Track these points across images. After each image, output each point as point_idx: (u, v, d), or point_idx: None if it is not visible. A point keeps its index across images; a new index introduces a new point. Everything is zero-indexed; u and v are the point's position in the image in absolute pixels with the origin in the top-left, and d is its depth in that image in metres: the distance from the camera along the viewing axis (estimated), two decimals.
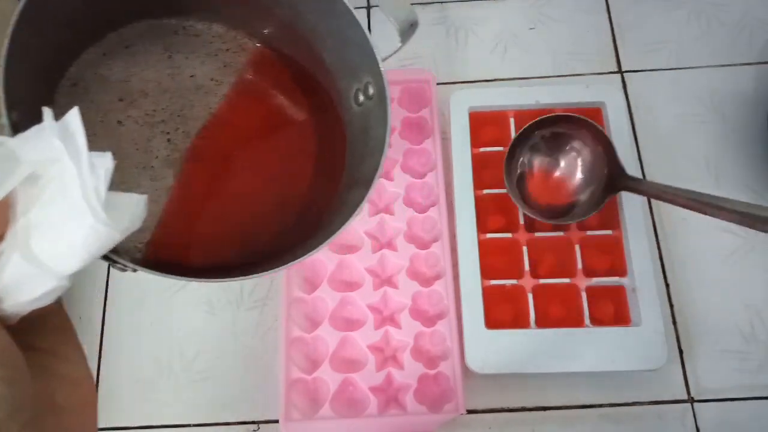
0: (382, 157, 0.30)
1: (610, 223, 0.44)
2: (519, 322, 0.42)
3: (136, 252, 0.30)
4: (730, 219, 0.31)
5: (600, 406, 0.42)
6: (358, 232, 0.45)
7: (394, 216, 0.46)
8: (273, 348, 0.43)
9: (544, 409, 0.42)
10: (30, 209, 0.18)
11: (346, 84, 0.35)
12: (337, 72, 0.35)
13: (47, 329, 0.20)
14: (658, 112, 0.50)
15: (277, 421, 0.40)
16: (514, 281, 0.43)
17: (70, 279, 0.19)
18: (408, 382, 0.41)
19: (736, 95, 0.51)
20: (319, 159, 0.35)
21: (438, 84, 0.51)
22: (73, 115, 0.19)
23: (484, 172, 0.46)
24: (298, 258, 0.27)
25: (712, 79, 0.51)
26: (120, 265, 0.24)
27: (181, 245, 0.31)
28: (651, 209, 0.47)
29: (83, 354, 0.21)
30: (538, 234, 0.44)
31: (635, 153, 0.49)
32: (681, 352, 0.43)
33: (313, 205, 0.34)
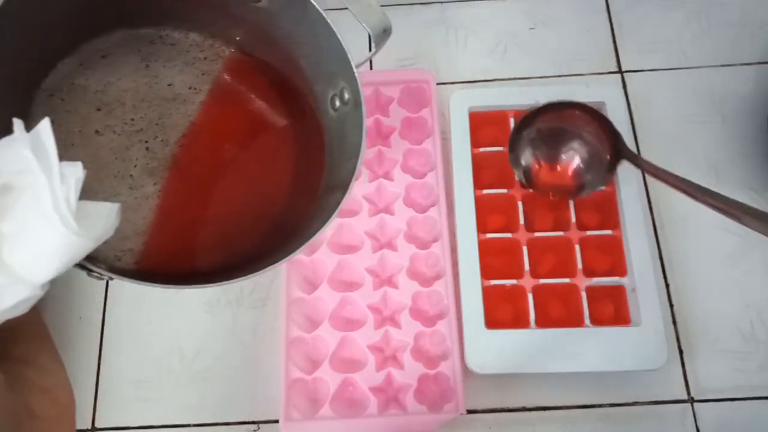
0: (359, 161, 0.30)
1: (610, 223, 0.44)
2: (519, 322, 0.42)
3: (116, 260, 0.30)
4: (718, 209, 0.33)
5: (600, 406, 0.42)
6: (358, 231, 0.45)
7: (394, 216, 0.46)
8: (273, 348, 0.43)
9: (544, 409, 0.42)
10: (2, 220, 0.18)
11: (323, 89, 0.35)
12: (313, 77, 0.35)
13: (23, 338, 0.20)
14: (658, 112, 0.50)
15: (277, 421, 0.40)
16: (514, 281, 0.43)
17: (44, 288, 0.19)
18: (408, 382, 0.41)
19: (736, 95, 0.51)
20: (298, 164, 0.36)
21: (438, 84, 0.51)
22: (44, 125, 0.19)
23: (484, 172, 0.46)
24: (277, 262, 0.27)
25: (712, 79, 0.51)
26: (96, 273, 0.24)
27: (162, 252, 0.31)
28: (651, 209, 0.47)
29: (60, 362, 0.21)
30: (538, 234, 0.44)
31: (635, 153, 0.49)
32: (681, 352, 0.43)
33: (293, 209, 0.34)
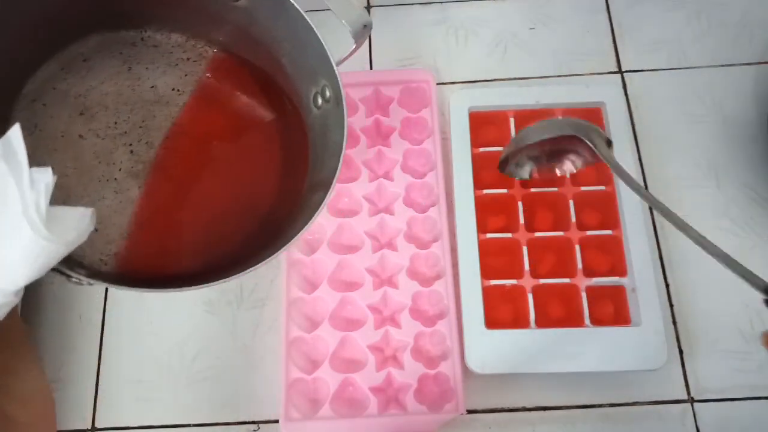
0: (340, 159, 0.30)
1: (610, 222, 0.44)
2: (519, 322, 0.42)
3: (101, 264, 0.29)
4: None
5: (600, 406, 0.42)
6: (359, 231, 0.45)
7: (394, 216, 0.46)
8: (273, 348, 0.43)
9: (544, 409, 0.42)
10: None
11: (305, 87, 0.35)
12: (295, 75, 0.35)
13: (1, 346, 0.20)
14: (658, 112, 0.50)
15: (277, 421, 0.40)
16: (514, 281, 0.43)
17: (17, 294, 0.19)
18: (408, 382, 0.41)
19: (736, 95, 0.51)
20: (283, 163, 0.35)
21: (438, 84, 0.51)
22: (14, 131, 0.19)
23: (484, 172, 0.46)
24: (260, 262, 0.27)
25: (712, 79, 0.51)
26: (75, 279, 0.23)
27: (148, 255, 0.31)
28: (651, 209, 0.47)
29: (39, 369, 0.21)
30: (538, 234, 0.44)
31: (635, 153, 0.49)
32: (681, 352, 0.43)
33: (279, 208, 0.34)
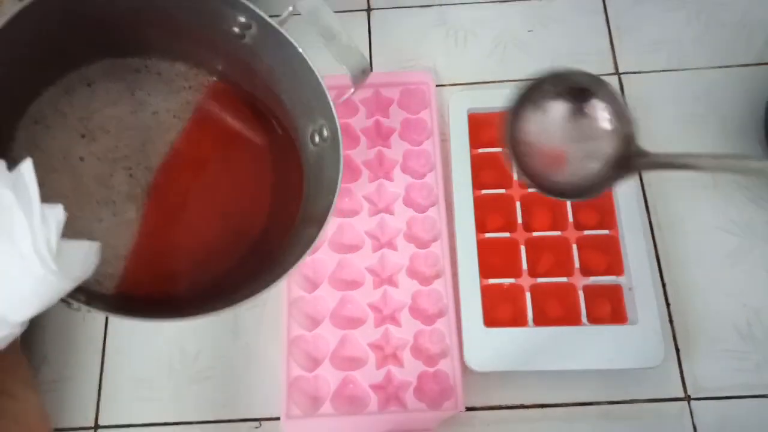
0: (335, 198, 0.31)
1: (607, 222, 0.44)
2: (517, 320, 0.42)
3: (96, 284, 0.30)
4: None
5: (598, 404, 0.42)
6: (359, 231, 0.46)
7: (394, 216, 0.46)
8: (274, 346, 0.44)
9: (543, 407, 0.42)
10: None
11: (303, 124, 0.35)
12: (293, 112, 0.36)
13: (1, 370, 0.20)
14: (657, 114, 0.51)
15: (278, 419, 0.41)
16: (512, 280, 0.43)
17: (22, 326, 0.19)
18: (408, 380, 0.41)
19: (734, 96, 0.51)
20: (276, 194, 0.36)
21: (437, 86, 0.52)
22: (27, 166, 0.19)
23: (483, 172, 0.46)
24: (253, 295, 0.28)
25: (711, 79, 0.51)
26: (74, 306, 0.23)
27: (143, 276, 0.32)
28: (647, 208, 0.47)
29: (34, 391, 0.22)
30: (536, 233, 0.44)
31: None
32: (678, 350, 0.43)
33: (270, 236, 0.35)
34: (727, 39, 0.53)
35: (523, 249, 0.44)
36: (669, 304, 0.45)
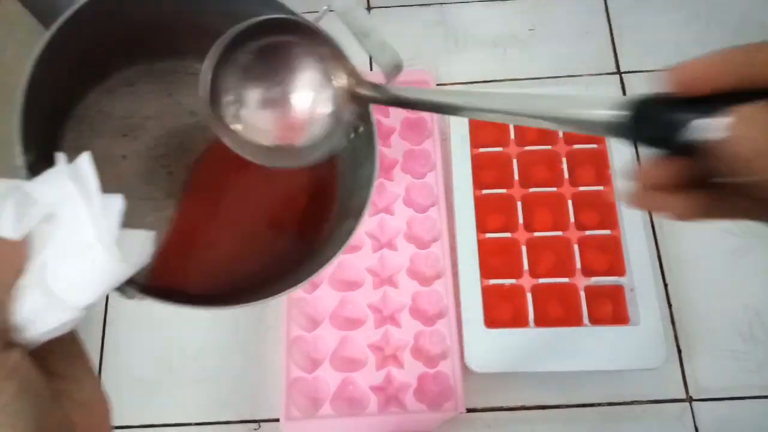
0: (370, 192, 0.32)
1: (608, 222, 0.44)
2: (518, 321, 0.42)
3: (137, 278, 0.30)
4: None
5: (599, 405, 0.42)
6: (359, 231, 0.46)
7: (394, 216, 0.46)
8: (274, 347, 0.44)
9: (543, 408, 0.42)
10: (46, 247, 0.20)
11: None
12: None
13: (61, 355, 0.21)
14: None
15: (277, 420, 0.41)
16: (513, 281, 0.43)
17: (84, 311, 0.20)
18: (408, 381, 0.41)
19: None
20: (311, 189, 0.37)
21: (437, 85, 0.51)
22: (85, 159, 0.20)
23: (483, 172, 0.46)
24: (298, 284, 0.29)
25: None
26: (128, 293, 0.25)
27: (176, 271, 0.32)
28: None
29: (95, 377, 0.23)
30: (537, 234, 0.44)
31: (634, 154, 0.49)
32: (679, 351, 0.43)
33: (305, 232, 0.35)
34: (727, 39, 0.53)
35: (524, 249, 0.43)
36: (671, 305, 0.44)
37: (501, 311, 0.43)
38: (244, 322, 0.45)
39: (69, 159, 0.21)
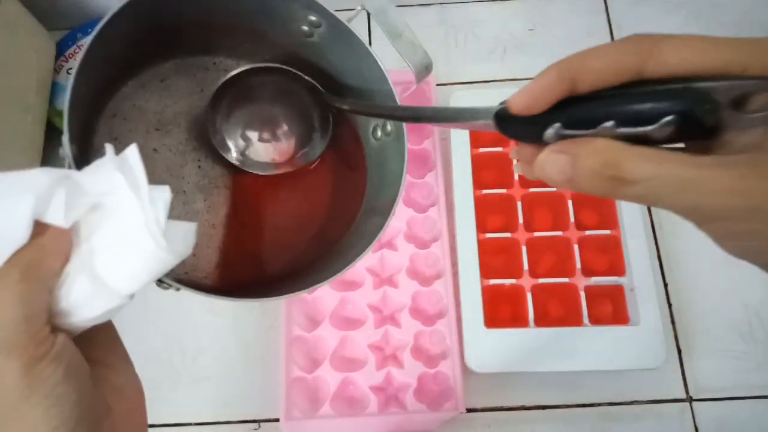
0: (399, 189, 0.32)
1: (608, 222, 0.44)
2: (518, 321, 0.42)
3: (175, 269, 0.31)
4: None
5: (599, 405, 0.42)
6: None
7: (394, 216, 0.46)
8: (274, 347, 0.44)
9: (543, 408, 0.42)
10: (92, 235, 0.20)
11: (365, 119, 0.36)
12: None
13: (100, 342, 0.22)
14: None
15: (277, 420, 0.41)
16: (513, 281, 0.43)
17: (130, 299, 0.21)
18: (408, 381, 0.41)
19: None
20: (337, 186, 0.37)
21: (438, 85, 0.51)
22: (133, 150, 0.21)
23: (483, 172, 0.46)
24: (324, 280, 0.29)
25: None
26: (165, 284, 0.26)
27: (209, 264, 0.33)
28: (649, 208, 0.47)
29: (129, 362, 0.24)
30: (537, 234, 0.44)
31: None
32: (679, 351, 0.43)
33: (331, 228, 0.36)
34: None
35: (524, 249, 0.43)
36: (671, 305, 0.44)
37: (501, 311, 0.43)
38: (245, 322, 0.45)
39: (102, 151, 0.21)
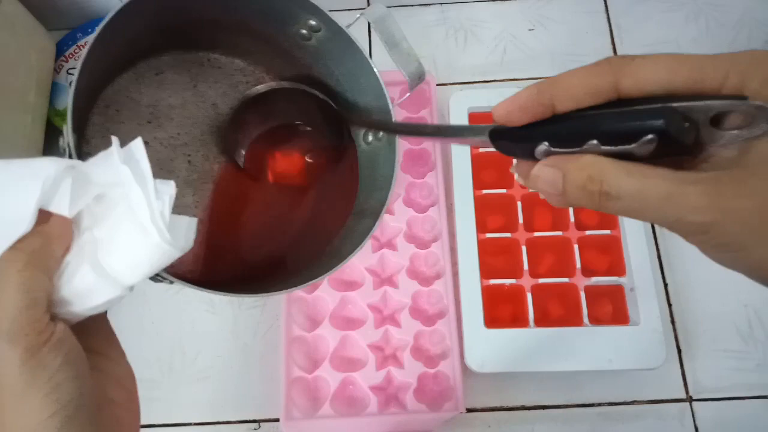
0: (389, 192, 0.33)
1: (608, 222, 0.44)
2: (518, 321, 0.42)
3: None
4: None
5: (599, 405, 0.42)
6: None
7: (394, 216, 0.46)
8: (273, 347, 0.44)
9: (543, 408, 0.42)
10: (95, 226, 0.20)
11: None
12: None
13: (96, 333, 0.23)
14: None
15: (277, 420, 0.41)
16: (513, 281, 0.43)
17: (130, 290, 0.21)
18: (408, 381, 0.41)
19: None
20: (326, 186, 0.37)
21: (437, 85, 0.51)
22: (137, 144, 0.21)
23: (483, 172, 0.46)
24: (314, 279, 0.29)
25: None
26: (159, 277, 0.25)
27: (195, 258, 0.33)
28: None
29: (123, 353, 0.24)
30: (537, 234, 0.44)
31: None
32: (679, 351, 0.43)
33: (320, 228, 0.36)
34: (727, 39, 0.53)
35: (524, 249, 0.43)
36: (671, 305, 0.44)
37: (501, 311, 0.43)
38: (244, 322, 0.45)
39: (97, 142, 0.21)
